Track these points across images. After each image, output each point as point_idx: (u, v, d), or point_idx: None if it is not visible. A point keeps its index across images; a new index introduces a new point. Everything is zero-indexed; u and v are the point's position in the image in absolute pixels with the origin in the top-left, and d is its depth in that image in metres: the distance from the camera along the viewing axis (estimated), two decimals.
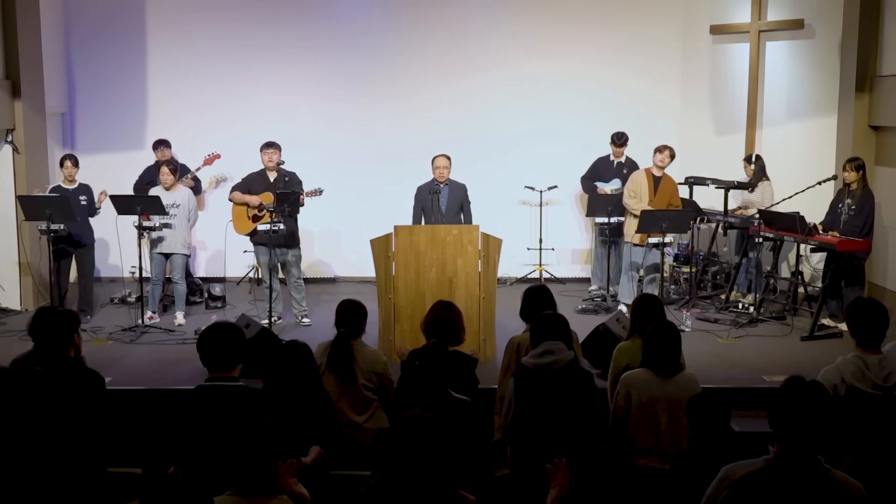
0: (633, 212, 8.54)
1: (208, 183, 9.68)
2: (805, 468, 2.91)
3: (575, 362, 4.52)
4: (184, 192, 8.39)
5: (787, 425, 2.92)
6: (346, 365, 4.98)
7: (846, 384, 3.95)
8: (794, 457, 2.92)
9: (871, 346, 4.05)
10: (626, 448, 4.54)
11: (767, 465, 2.96)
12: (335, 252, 10.57)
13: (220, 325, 4.12)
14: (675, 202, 8.66)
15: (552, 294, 5.42)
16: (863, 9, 8.63)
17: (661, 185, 8.59)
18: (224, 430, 3.70)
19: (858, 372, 3.96)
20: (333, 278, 10.53)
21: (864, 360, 3.99)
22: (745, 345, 7.67)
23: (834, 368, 4.03)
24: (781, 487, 2.90)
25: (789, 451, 2.93)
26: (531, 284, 5.69)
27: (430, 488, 2.87)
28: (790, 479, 2.90)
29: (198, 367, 6.57)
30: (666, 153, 8.61)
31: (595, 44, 10.37)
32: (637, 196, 8.56)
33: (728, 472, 3.02)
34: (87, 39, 10.32)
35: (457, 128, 10.25)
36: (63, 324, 4.32)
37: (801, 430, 2.90)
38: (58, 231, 7.97)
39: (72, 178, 8.48)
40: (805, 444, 2.91)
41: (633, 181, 8.67)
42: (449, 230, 7.34)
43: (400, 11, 10.37)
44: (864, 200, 7.92)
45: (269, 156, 8.19)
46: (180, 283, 8.42)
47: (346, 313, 5.11)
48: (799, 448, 2.91)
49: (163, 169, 8.35)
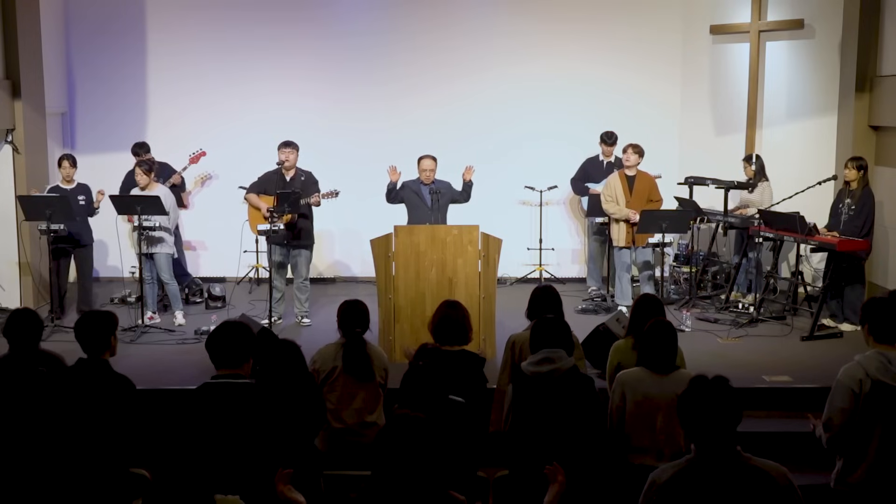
0: (614, 216, 8.58)
1: (193, 182, 9.66)
2: (725, 461, 3.04)
3: (575, 369, 4.52)
4: (161, 191, 8.24)
5: (700, 423, 3.06)
6: (364, 365, 5.04)
7: (871, 379, 3.98)
8: (712, 452, 3.04)
9: (889, 341, 4.09)
10: (621, 447, 4.55)
11: (689, 464, 3.08)
12: (335, 252, 10.57)
13: (230, 322, 4.19)
14: (655, 197, 8.70)
15: (559, 295, 5.45)
16: (863, 9, 8.63)
17: (636, 183, 8.61)
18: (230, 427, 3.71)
19: (882, 367, 3.99)
20: (333, 278, 10.53)
21: (886, 355, 4.03)
22: (745, 345, 7.67)
23: (856, 364, 4.05)
24: (706, 482, 3.02)
25: (707, 448, 3.05)
26: (539, 285, 5.69)
27: (422, 489, 2.86)
28: (712, 474, 3.02)
29: (198, 367, 6.64)
30: (629, 151, 8.63)
31: (595, 44, 10.37)
32: (614, 199, 8.59)
33: (654, 478, 3.13)
34: (87, 39, 10.32)
35: (457, 128, 10.25)
36: (102, 325, 4.36)
37: (715, 426, 3.03)
38: (58, 231, 7.96)
39: (70, 179, 8.44)
40: (719, 439, 3.04)
41: (608, 186, 8.71)
42: (449, 230, 7.34)
43: (400, 11, 10.37)
44: (865, 200, 7.92)
45: (286, 155, 8.17)
46: (171, 282, 8.38)
47: (355, 313, 5.15)
48: (714, 443, 3.04)
49: (136, 170, 8.22)
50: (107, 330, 4.36)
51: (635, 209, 8.46)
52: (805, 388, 6.42)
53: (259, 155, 9.04)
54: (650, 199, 8.62)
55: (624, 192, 8.57)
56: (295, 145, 8.26)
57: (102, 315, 4.46)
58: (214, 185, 10.17)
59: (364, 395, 5.05)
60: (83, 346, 4.33)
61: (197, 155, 9.36)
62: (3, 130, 8.83)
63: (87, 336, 4.32)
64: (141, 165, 8.25)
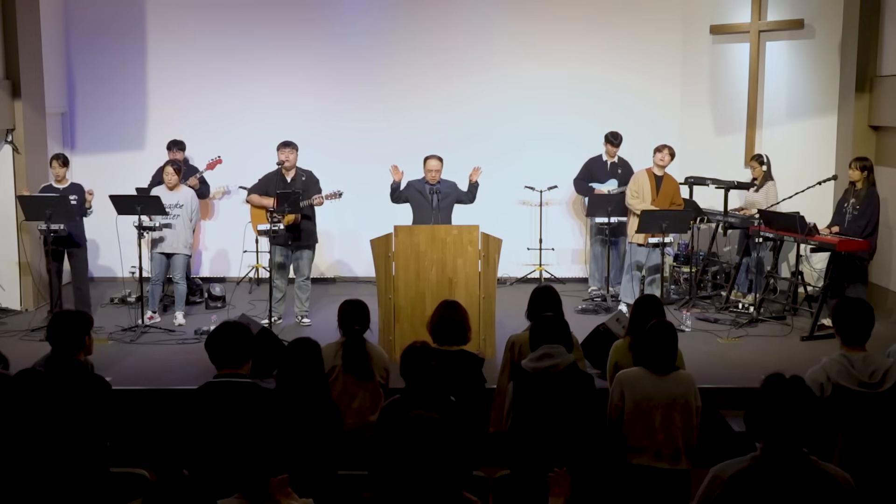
0: (637, 212, 8.54)
1: (215, 192, 9.66)
2: (792, 462, 2.95)
3: (574, 366, 4.53)
4: (187, 193, 8.37)
5: (771, 422, 2.96)
6: (363, 363, 5.04)
7: (832, 383, 3.98)
8: (780, 452, 2.96)
9: (856, 343, 4.09)
10: (620, 446, 4.55)
11: (755, 463, 3.00)
12: (336, 252, 10.57)
13: (230, 323, 4.18)
14: (678, 201, 8.68)
15: (559, 295, 5.45)
16: (863, 9, 8.63)
17: (664, 184, 8.59)
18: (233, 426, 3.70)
19: (844, 370, 4.00)
20: (333, 278, 10.53)
21: (849, 358, 4.03)
22: (745, 345, 7.67)
23: (819, 368, 4.07)
24: (771, 483, 2.94)
25: (775, 447, 2.97)
26: (538, 285, 5.69)
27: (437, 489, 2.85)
28: (779, 475, 2.94)
29: (198, 367, 6.64)
30: (665, 152, 8.61)
31: (595, 44, 10.37)
32: (640, 196, 8.56)
33: (718, 472, 3.05)
34: (87, 39, 10.32)
35: (457, 128, 10.25)
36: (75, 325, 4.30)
37: (786, 426, 2.94)
38: (57, 231, 7.95)
39: (60, 178, 8.34)
40: (790, 439, 2.95)
41: (636, 181, 8.66)
42: (449, 230, 7.34)
43: (400, 11, 10.37)
44: (868, 201, 7.91)
45: (286, 155, 8.18)
46: (181, 283, 8.41)
47: (355, 312, 5.16)
48: (785, 443, 2.95)
49: (167, 169, 8.34)
50: (80, 329, 4.30)
51: None
52: None
53: (259, 155, 9.05)
54: (672, 202, 8.59)
55: (651, 191, 8.54)
56: (294, 145, 8.26)
57: (75, 315, 4.41)
58: (214, 185, 10.15)
59: (364, 395, 5.04)
60: (54, 345, 4.27)
61: (213, 162, 9.34)
62: (3, 130, 8.83)
63: (59, 336, 4.25)
64: (173, 164, 8.38)
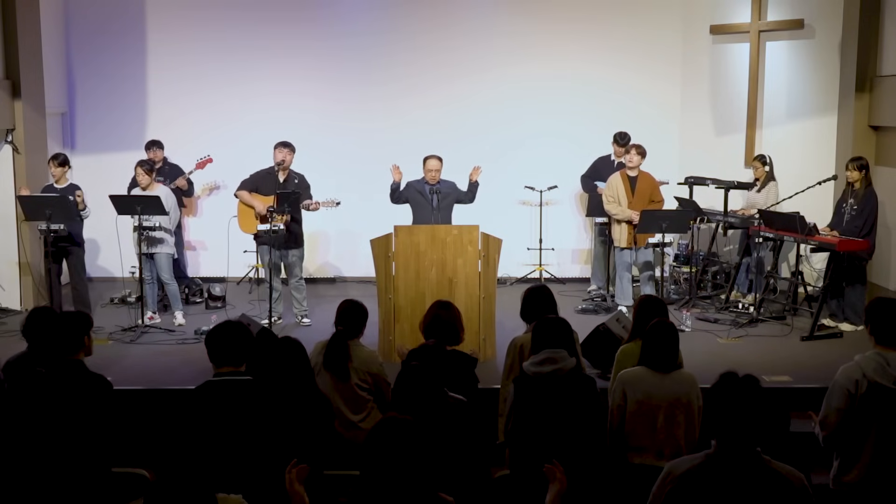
0: (616, 217, 8.57)
1: (201, 189, 9.64)
2: (745, 461, 2.97)
3: (577, 369, 4.51)
4: (161, 192, 8.20)
5: (724, 420, 2.98)
6: (340, 363, 5.01)
7: (868, 380, 4.00)
8: (732, 450, 2.98)
9: (891, 343, 4.09)
10: (621, 446, 4.55)
11: (707, 460, 3.02)
12: (335, 252, 10.57)
13: (229, 322, 4.20)
14: (657, 197, 8.69)
15: (553, 294, 5.41)
16: (863, 9, 8.62)
17: (639, 183, 8.60)
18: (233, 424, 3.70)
19: (880, 368, 4.01)
20: (333, 278, 10.53)
21: (885, 356, 4.04)
22: (745, 345, 7.67)
23: (854, 365, 4.07)
24: (722, 480, 2.97)
25: (728, 446, 2.99)
26: (531, 285, 5.67)
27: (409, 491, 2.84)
28: (731, 472, 2.97)
29: (199, 367, 6.63)
30: (633, 152, 8.62)
31: (595, 44, 10.37)
32: (616, 200, 8.58)
33: (671, 468, 3.08)
34: (87, 39, 10.32)
35: (457, 128, 10.25)
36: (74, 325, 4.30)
37: (738, 425, 2.96)
38: (58, 231, 7.95)
39: (58, 178, 8.30)
40: (742, 438, 2.97)
41: (610, 186, 8.69)
42: (449, 230, 7.34)
43: (400, 11, 10.37)
44: (867, 201, 7.91)
45: (284, 155, 8.15)
46: (171, 282, 8.36)
47: (347, 313, 5.15)
48: (736, 442, 2.97)
49: (137, 170, 8.17)
50: (80, 330, 4.29)
51: (637, 209, 8.44)
52: (805, 388, 6.42)
53: (259, 155, 9.01)
54: (652, 200, 8.61)
55: (626, 193, 8.56)
56: (292, 146, 8.24)
57: (75, 315, 4.42)
58: (202, 182, 10.14)
59: (342, 396, 5.00)
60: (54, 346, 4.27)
61: (203, 161, 9.33)
62: (3, 130, 8.83)
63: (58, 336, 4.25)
64: (142, 165, 8.22)
